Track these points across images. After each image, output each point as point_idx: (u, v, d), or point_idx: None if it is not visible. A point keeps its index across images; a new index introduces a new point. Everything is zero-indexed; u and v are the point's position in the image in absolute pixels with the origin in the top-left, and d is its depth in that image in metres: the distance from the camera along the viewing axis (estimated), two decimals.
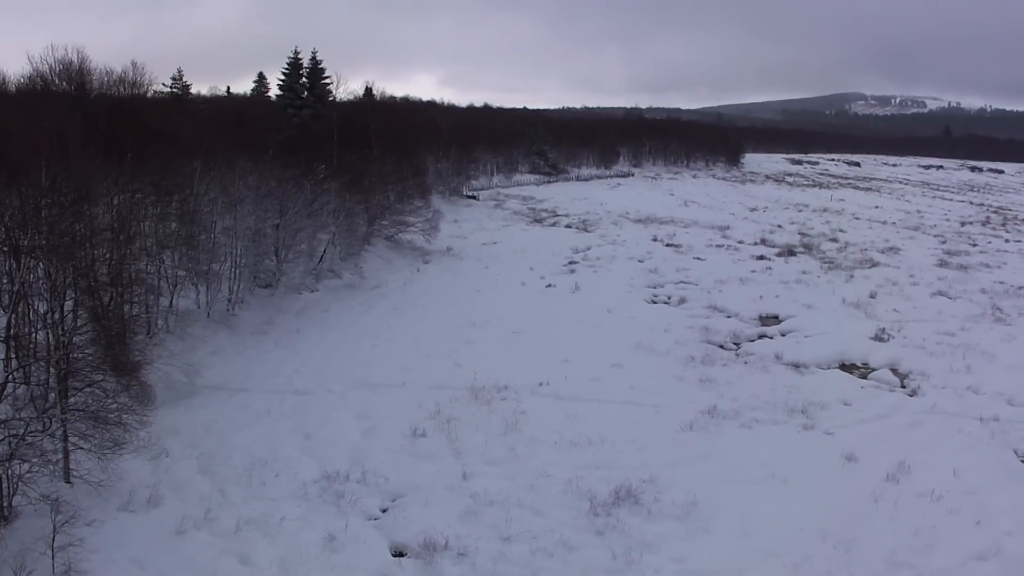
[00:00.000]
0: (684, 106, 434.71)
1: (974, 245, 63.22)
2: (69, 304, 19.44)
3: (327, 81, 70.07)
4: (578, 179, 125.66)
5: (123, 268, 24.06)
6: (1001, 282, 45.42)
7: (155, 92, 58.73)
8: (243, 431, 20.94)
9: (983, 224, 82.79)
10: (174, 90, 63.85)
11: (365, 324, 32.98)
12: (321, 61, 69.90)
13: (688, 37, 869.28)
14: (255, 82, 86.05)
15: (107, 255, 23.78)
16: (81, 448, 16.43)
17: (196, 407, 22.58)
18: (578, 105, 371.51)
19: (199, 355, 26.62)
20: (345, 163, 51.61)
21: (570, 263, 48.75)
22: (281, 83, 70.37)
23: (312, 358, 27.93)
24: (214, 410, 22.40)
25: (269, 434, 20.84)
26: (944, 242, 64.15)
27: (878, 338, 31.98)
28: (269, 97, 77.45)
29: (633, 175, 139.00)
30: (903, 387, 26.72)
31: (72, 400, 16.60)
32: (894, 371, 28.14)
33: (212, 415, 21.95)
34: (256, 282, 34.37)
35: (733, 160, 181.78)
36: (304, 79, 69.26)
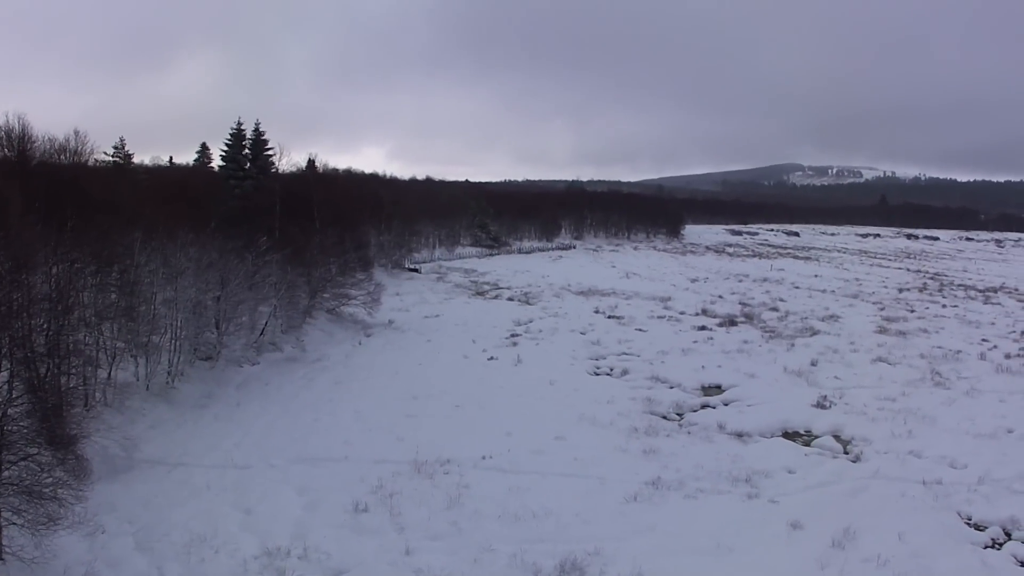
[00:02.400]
0: (626, 178, 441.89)
1: (912, 311, 64.85)
2: (4, 375, 19.05)
3: (270, 152, 70.07)
4: (520, 252, 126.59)
5: (61, 339, 23.62)
6: (939, 347, 46.61)
7: (97, 161, 58.33)
8: (182, 506, 20.50)
9: (920, 290, 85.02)
10: (116, 159, 63.41)
11: (306, 397, 32.64)
12: (264, 132, 69.94)
13: (633, 111, 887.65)
14: (198, 153, 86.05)
15: (45, 325, 23.35)
16: (14, 524, 15.94)
17: (134, 482, 22.07)
18: (520, 178, 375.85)
19: (137, 428, 26.08)
20: (287, 235, 51.54)
21: (512, 336, 48.88)
22: (224, 154, 70.11)
23: (253, 432, 27.53)
24: (152, 485, 21.92)
25: (208, 509, 20.42)
26: (883, 309, 65.70)
27: (820, 405, 32.60)
28: (212, 168, 77.15)
29: (575, 247, 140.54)
30: (846, 453, 27.14)
31: (6, 474, 16.14)
32: (837, 438, 28.63)
33: (150, 490, 21.48)
34: (196, 355, 33.89)
35: (674, 231, 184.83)
36: (247, 150, 69.15)
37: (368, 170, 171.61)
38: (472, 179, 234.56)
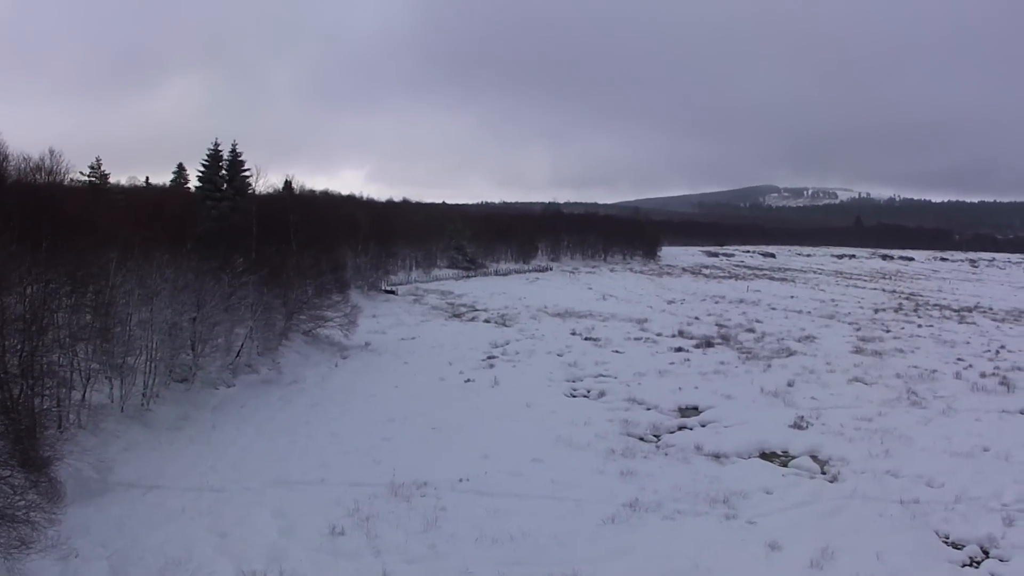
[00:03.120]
0: (603, 200, 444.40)
1: (888, 331, 65.30)
2: None
3: (247, 174, 70.02)
4: (496, 274, 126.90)
5: (35, 360, 23.40)
6: (915, 366, 46.93)
7: (72, 181, 58.04)
8: (157, 530, 20.29)
9: (896, 310, 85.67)
10: (92, 179, 63.11)
11: (282, 420, 32.47)
12: (241, 154, 69.94)
13: (611, 135, 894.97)
14: (175, 173, 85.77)
15: (18, 346, 23.15)
16: None
17: (108, 505, 21.81)
18: (497, 200, 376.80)
19: (112, 451, 25.83)
20: (264, 257, 51.39)
21: (489, 358, 48.87)
22: (201, 175, 70.02)
23: (228, 455, 27.33)
24: (127, 508, 21.68)
25: (183, 533, 20.21)
26: (859, 329, 66.15)
27: (797, 426, 32.70)
28: (188, 189, 76.95)
29: (551, 269, 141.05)
30: (823, 473, 27.20)
31: None
32: (814, 458, 28.67)
33: (124, 513, 21.24)
34: (172, 376, 33.67)
35: (650, 253, 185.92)
36: (224, 171, 69.06)
37: (346, 192, 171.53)
38: (449, 201, 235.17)
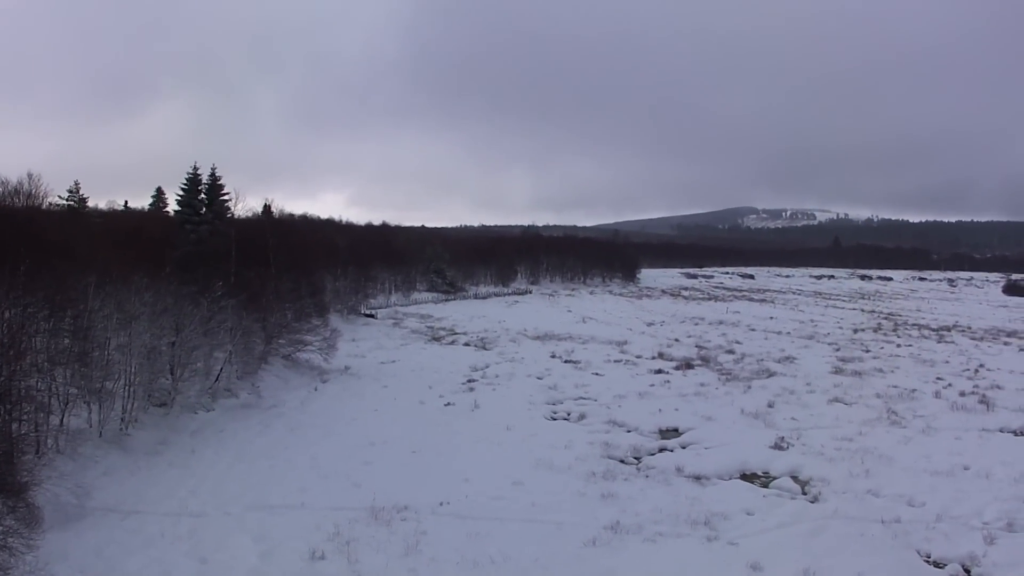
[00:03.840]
0: (582, 223, 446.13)
1: (867, 351, 65.85)
2: None
3: (226, 197, 69.75)
4: (476, 297, 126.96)
5: (12, 384, 23.24)
6: (895, 386, 47.40)
7: (51, 204, 57.81)
8: (135, 555, 20.15)
9: (875, 330, 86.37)
10: (70, 203, 62.89)
11: (262, 444, 32.32)
12: (220, 177, 69.52)
13: (591, 158, 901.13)
14: (153, 197, 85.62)
15: None
16: None
17: (86, 530, 21.63)
18: (476, 223, 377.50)
19: (90, 476, 25.64)
20: (243, 281, 51.22)
21: (469, 381, 48.86)
22: (179, 198, 69.73)
23: (208, 479, 27.19)
24: (105, 533, 21.50)
25: (163, 558, 20.09)
26: (838, 349, 66.69)
27: (778, 447, 32.90)
28: (167, 212, 76.78)
29: (531, 292, 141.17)
30: (804, 494, 27.31)
31: None
32: (795, 478, 28.81)
33: (103, 539, 21.06)
34: (150, 401, 33.50)
35: (630, 276, 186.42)
36: (203, 195, 68.83)
37: (325, 215, 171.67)
38: (429, 224, 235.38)
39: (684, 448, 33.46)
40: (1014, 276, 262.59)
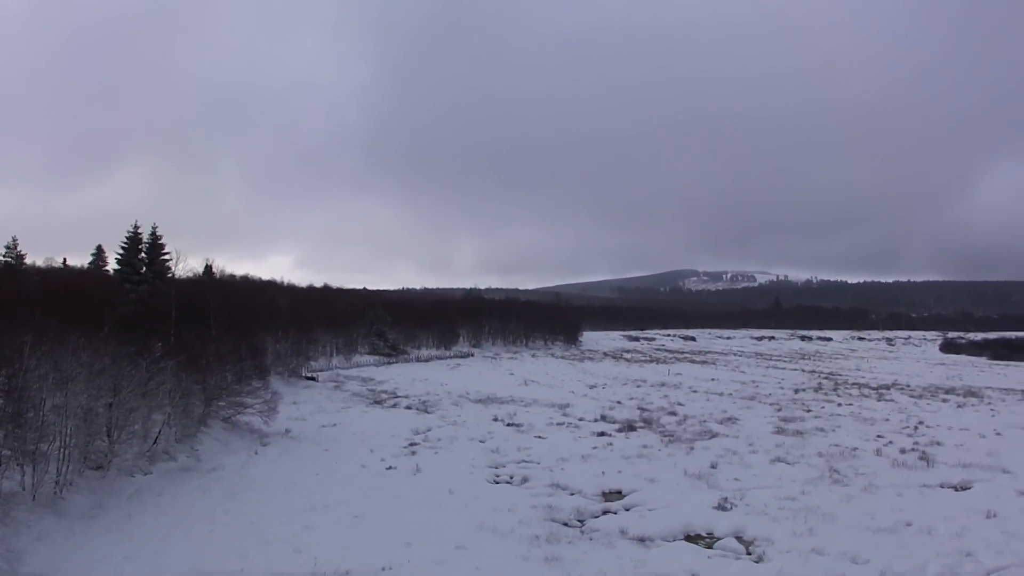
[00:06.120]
0: (524, 286, 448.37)
1: (808, 411, 66.77)
2: None
3: (166, 257, 69.40)
4: (418, 360, 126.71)
5: None
6: (836, 444, 48.03)
7: None
8: None
9: (816, 390, 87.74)
10: (7, 259, 61.94)
11: (201, 509, 31.73)
12: (161, 237, 69.41)
13: (537, 222, 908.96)
14: (93, 255, 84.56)
15: None
16: None
17: None
18: (419, 286, 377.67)
19: (22, 541, 24.96)
20: (182, 342, 50.72)
21: (411, 444, 48.57)
22: (119, 257, 69.20)
23: (144, 545, 26.61)
24: None
25: None
26: (780, 410, 67.50)
27: (721, 507, 32.99)
28: (107, 271, 75.93)
29: (473, 355, 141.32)
30: (749, 554, 27.38)
31: None
32: (739, 539, 28.86)
33: None
34: (86, 464, 32.75)
35: (572, 338, 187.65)
36: (143, 254, 68.34)
37: (266, 277, 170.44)
38: (371, 287, 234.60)
39: (628, 510, 33.39)
40: (950, 334, 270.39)
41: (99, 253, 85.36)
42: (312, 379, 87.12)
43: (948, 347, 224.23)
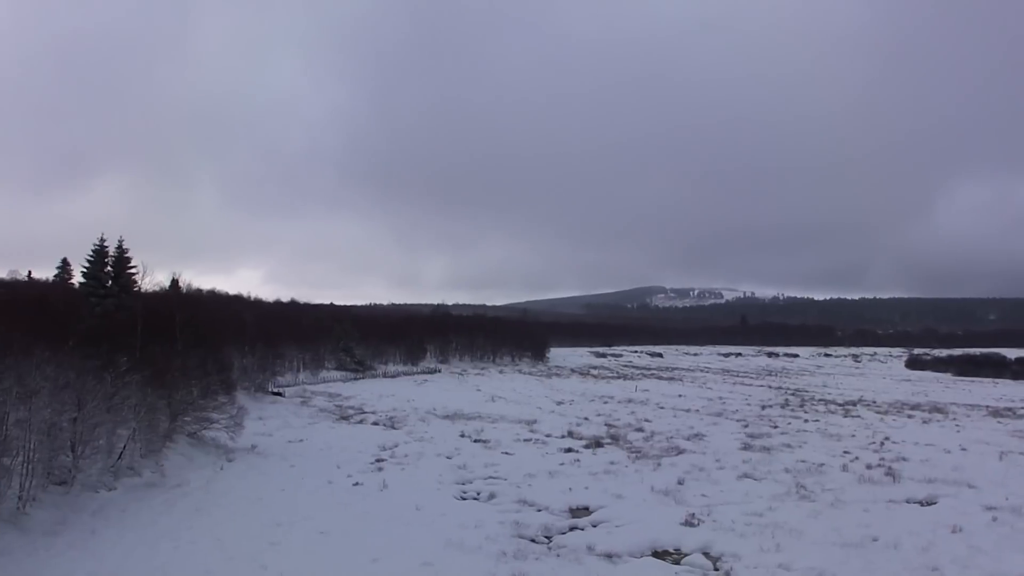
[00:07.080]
0: (492, 302, 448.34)
1: (775, 427, 67.53)
2: None
3: (133, 271, 68.90)
4: (385, 376, 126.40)
5: None
6: (803, 460, 48.66)
7: None
8: None
9: (782, 406, 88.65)
10: None
11: (166, 524, 31.55)
12: (128, 250, 68.89)
13: (506, 239, 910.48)
14: (58, 268, 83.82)
15: None
16: None
17: None
18: (387, 302, 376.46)
19: None
20: (148, 356, 50.37)
21: (378, 460, 48.55)
22: (85, 271, 68.64)
23: (108, 561, 26.44)
24: None
25: None
26: (747, 426, 68.18)
27: (688, 523, 33.26)
28: (72, 284, 75.27)
29: (440, 371, 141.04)
30: (716, 570, 27.60)
31: None
32: (706, 555, 29.07)
33: None
34: (50, 479, 32.47)
35: (539, 355, 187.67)
36: (109, 268, 67.83)
37: (233, 291, 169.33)
38: (338, 302, 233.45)
39: (595, 526, 33.63)
40: (916, 351, 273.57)
41: (64, 266, 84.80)
42: (279, 394, 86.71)
43: (913, 363, 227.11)
